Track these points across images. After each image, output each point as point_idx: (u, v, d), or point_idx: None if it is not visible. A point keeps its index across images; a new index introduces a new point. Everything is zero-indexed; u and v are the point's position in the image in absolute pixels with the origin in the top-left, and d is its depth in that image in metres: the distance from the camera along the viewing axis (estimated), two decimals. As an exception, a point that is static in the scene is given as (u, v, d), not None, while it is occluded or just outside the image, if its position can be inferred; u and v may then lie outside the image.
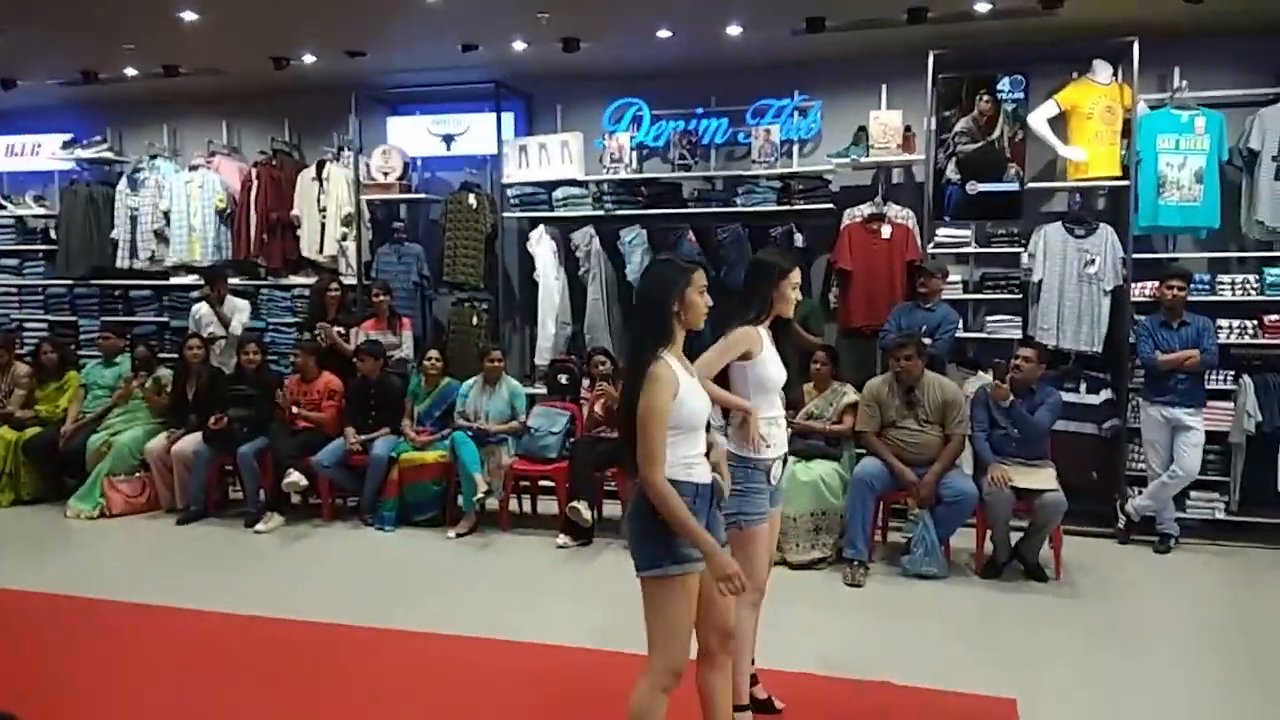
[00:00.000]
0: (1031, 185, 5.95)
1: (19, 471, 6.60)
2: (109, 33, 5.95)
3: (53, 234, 8.05)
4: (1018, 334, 5.85)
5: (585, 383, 6.30)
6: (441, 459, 5.99)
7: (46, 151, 8.02)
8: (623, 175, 6.64)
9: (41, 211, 8.15)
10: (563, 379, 6.52)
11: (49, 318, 8.08)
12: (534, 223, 6.87)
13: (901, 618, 4.48)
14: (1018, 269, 5.99)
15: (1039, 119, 5.82)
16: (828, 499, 5.18)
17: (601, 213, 6.63)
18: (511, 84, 6.88)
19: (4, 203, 8.21)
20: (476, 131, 7.02)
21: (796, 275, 3.26)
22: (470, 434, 5.93)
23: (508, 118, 6.95)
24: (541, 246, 6.78)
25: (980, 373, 5.77)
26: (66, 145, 7.87)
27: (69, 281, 7.94)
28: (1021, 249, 5.93)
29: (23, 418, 6.76)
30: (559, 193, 6.71)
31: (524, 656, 4.01)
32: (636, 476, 2.54)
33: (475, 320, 6.95)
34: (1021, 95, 5.84)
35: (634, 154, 6.68)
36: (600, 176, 6.70)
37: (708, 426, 2.72)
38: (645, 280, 2.80)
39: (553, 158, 6.74)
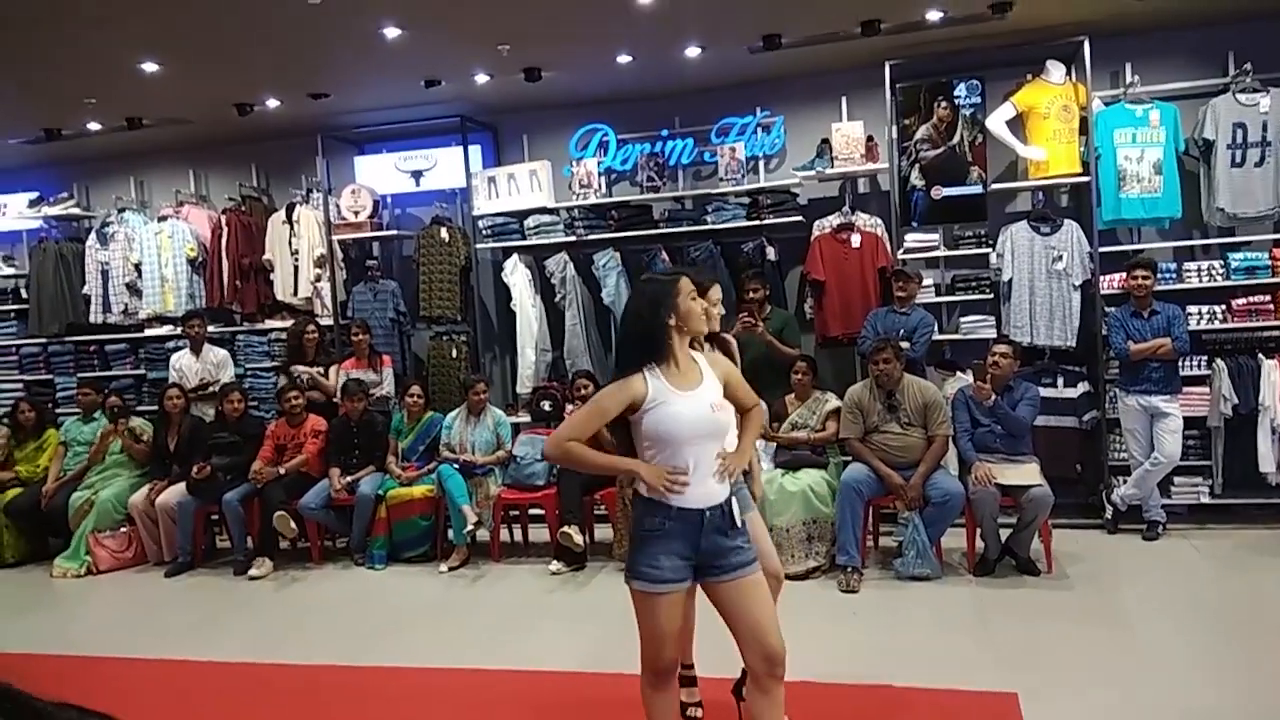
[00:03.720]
0: (995, 187, 6.05)
1: (2, 534, 6.51)
2: (69, 88, 5.95)
3: (23, 293, 7.98)
4: (992, 333, 5.92)
5: (569, 408, 6.31)
6: (429, 494, 5.97)
7: (13, 211, 7.97)
8: (593, 200, 6.69)
9: (11, 271, 8.09)
10: (546, 405, 6.52)
11: (24, 377, 8.00)
12: (507, 252, 6.90)
13: (898, 620, 4.50)
14: (987, 270, 6.07)
15: (997, 121, 5.93)
16: (818, 507, 5.20)
17: (574, 238, 6.67)
18: (477, 117, 6.93)
19: (-28, 265, 8.16)
20: (445, 166, 7.06)
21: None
22: (456, 466, 5.92)
23: (475, 150, 7.00)
24: (516, 275, 6.81)
25: (959, 373, 5.84)
26: (33, 204, 7.84)
27: (43, 340, 7.88)
28: (989, 250, 6.02)
29: (2, 479, 6.68)
30: (530, 221, 6.75)
31: (523, 684, 3.99)
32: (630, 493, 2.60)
33: (455, 353, 6.96)
34: (978, 99, 5.95)
35: (602, 179, 6.74)
36: (570, 203, 6.75)
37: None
38: (631, 302, 2.80)
39: (522, 187, 6.78)
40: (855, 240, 6.13)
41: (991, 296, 6.08)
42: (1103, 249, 5.85)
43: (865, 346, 5.52)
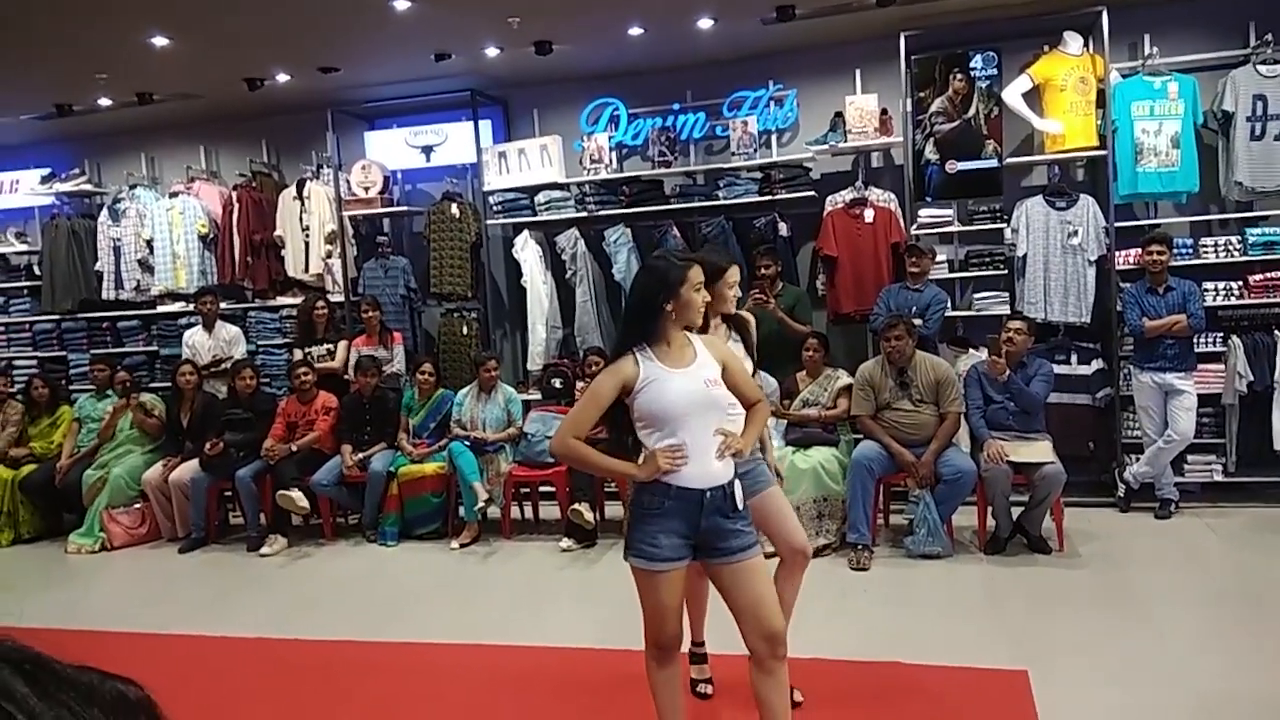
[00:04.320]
0: (1010, 160, 5.97)
1: (17, 510, 6.57)
2: (80, 64, 5.93)
3: (36, 270, 8.00)
4: (1006, 310, 5.86)
5: (579, 385, 6.31)
6: (440, 471, 5.98)
7: (25, 187, 7.98)
8: (604, 175, 6.64)
9: (23, 248, 8.11)
10: (557, 383, 6.52)
11: (38, 354, 8.04)
12: (518, 228, 6.87)
13: (908, 598, 4.49)
14: (1002, 245, 6.00)
15: (1013, 94, 5.84)
16: (829, 485, 5.19)
17: (585, 214, 6.63)
18: (487, 91, 6.88)
19: (-14, 241, 8.19)
20: (455, 141, 7.02)
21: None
22: (467, 443, 5.93)
23: (485, 125, 6.95)
24: (527, 252, 6.78)
25: (972, 350, 5.80)
26: (45, 180, 7.84)
27: (55, 316, 7.90)
28: (1004, 225, 5.95)
29: (17, 456, 6.74)
30: (541, 197, 6.71)
31: (535, 660, 4.02)
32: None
33: (465, 330, 6.95)
34: (994, 72, 5.86)
35: (613, 154, 6.69)
36: (581, 178, 6.70)
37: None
38: (637, 279, 2.81)
39: (533, 162, 6.74)
40: (868, 215, 6.07)
41: (1006, 272, 6.02)
42: (1119, 224, 5.77)
43: (877, 323, 5.49)
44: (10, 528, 6.56)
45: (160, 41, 5.52)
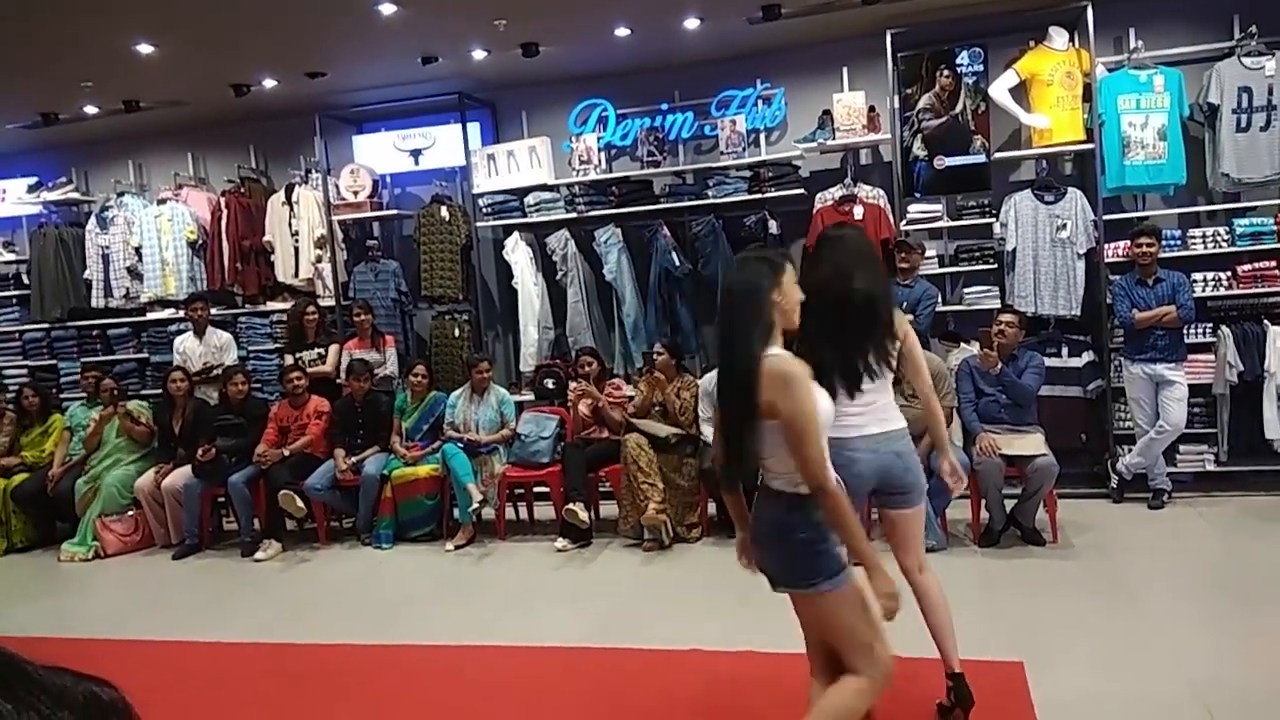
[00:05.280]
0: (998, 155, 5.99)
1: (10, 519, 6.54)
2: (65, 71, 5.91)
3: (25, 278, 7.98)
4: (996, 304, 5.89)
5: (571, 385, 6.31)
6: (434, 473, 5.97)
7: (12, 196, 7.96)
8: (593, 176, 6.65)
9: (11, 257, 8.09)
10: (549, 384, 6.52)
11: (28, 363, 8.00)
12: (508, 230, 6.87)
13: (904, 591, 4.47)
14: (991, 240, 6.03)
15: (1000, 89, 5.87)
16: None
17: (575, 215, 6.63)
18: (475, 94, 6.88)
19: (-27, 251, 8.15)
20: (443, 144, 7.02)
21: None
22: (461, 445, 5.92)
23: (474, 128, 6.95)
24: (518, 253, 6.78)
25: (964, 345, 5.81)
26: (32, 189, 7.82)
27: (45, 325, 7.88)
28: (993, 219, 5.98)
29: (8, 465, 6.71)
30: (530, 198, 6.71)
31: (531, 660, 4.01)
32: (736, 487, 2.47)
33: (457, 332, 6.95)
34: (981, 67, 5.89)
35: (602, 154, 6.69)
36: (571, 179, 6.71)
37: None
38: (739, 273, 2.49)
39: (522, 164, 6.74)
40: (858, 212, 6.08)
41: (996, 267, 6.04)
42: (1107, 217, 5.80)
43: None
44: (3, 537, 6.52)
45: (145, 48, 5.50)
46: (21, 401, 6.94)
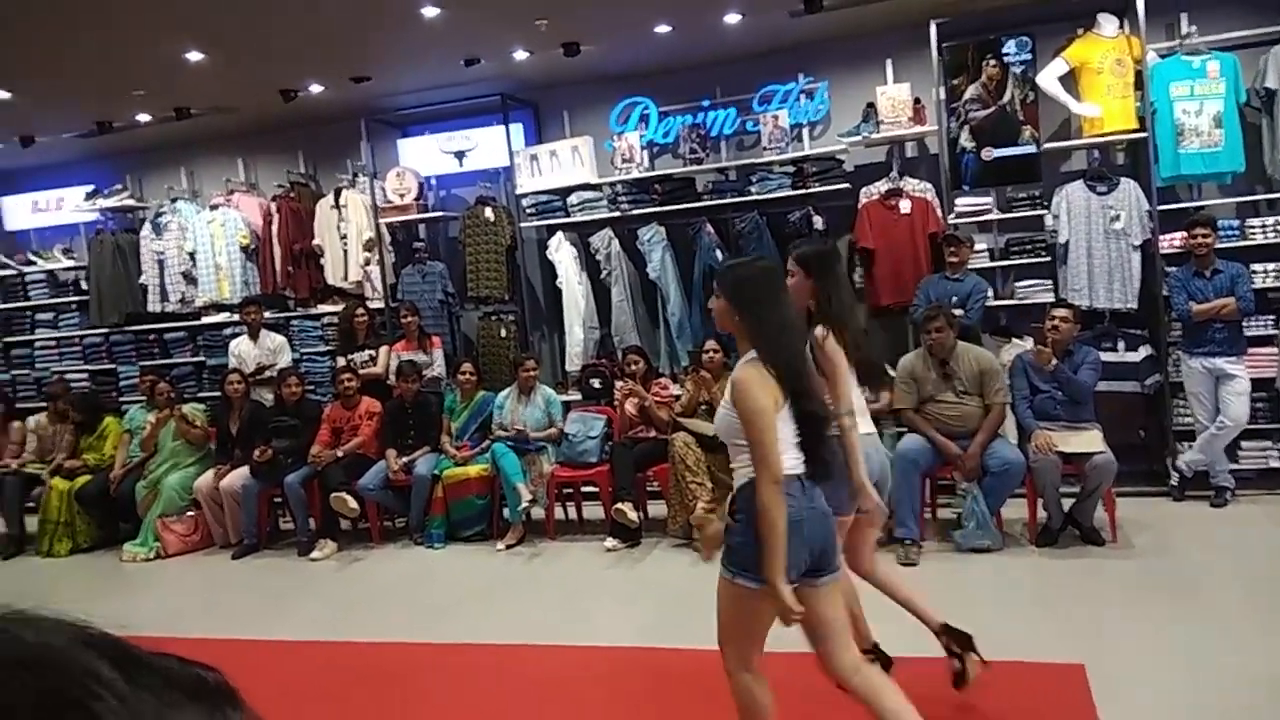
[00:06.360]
0: (1048, 146, 5.89)
1: (74, 520, 6.72)
2: (118, 81, 6.05)
3: (83, 284, 8.17)
4: (1049, 297, 5.78)
5: (618, 384, 6.32)
6: (484, 473, 6.03)
7: (70, 204, 8.15)
8: (635, 174, 6.65)
9: (70, 264, 8.29)
10: (595, 383, 6.55)
11: (88, 367, 8.21)
12: (552, 230, 6.90)
13: (959, 593, 4.45)
14: (1043, 232, 5.92)
15: (1049, 78, 5.76)
16: (872, 479, 5.15)
17: (618, 214, 6.64)
18: (517, 94, 6.91)
19: (34, 258, 8.37)
20: (487, 145, 7.06)
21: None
22: (510, 443, 5.96)
23: (516, 128, 6.98)
24: (562, 253, 6.81)
25: (1015, 340, 5.73)
26: (89, 196, 8.00)
27: (104, 330, 8.07)
28: (1044, 211, 5.88)
29: (71, 467, 6.89)
30: (574, 198, 6.73)
31: (584, 660, 4.04)
32: None
33: (503, 332, 7.00)
34: (1028, 56, 5.79)
35: (645, 152, 6.69)
36: (613, 178, 6.72)
37: None
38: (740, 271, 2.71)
39: (564, 164, 6.76)
40: (904, 206, 6.02)
41: (1048, 259, 5.93)
42: (1162, 207, 5.68)
43: (917, 315, 5.44)
44: (68, 538, 6.70)
45: (195, 56, 5.61)
46: (56, 408, 7.09)
